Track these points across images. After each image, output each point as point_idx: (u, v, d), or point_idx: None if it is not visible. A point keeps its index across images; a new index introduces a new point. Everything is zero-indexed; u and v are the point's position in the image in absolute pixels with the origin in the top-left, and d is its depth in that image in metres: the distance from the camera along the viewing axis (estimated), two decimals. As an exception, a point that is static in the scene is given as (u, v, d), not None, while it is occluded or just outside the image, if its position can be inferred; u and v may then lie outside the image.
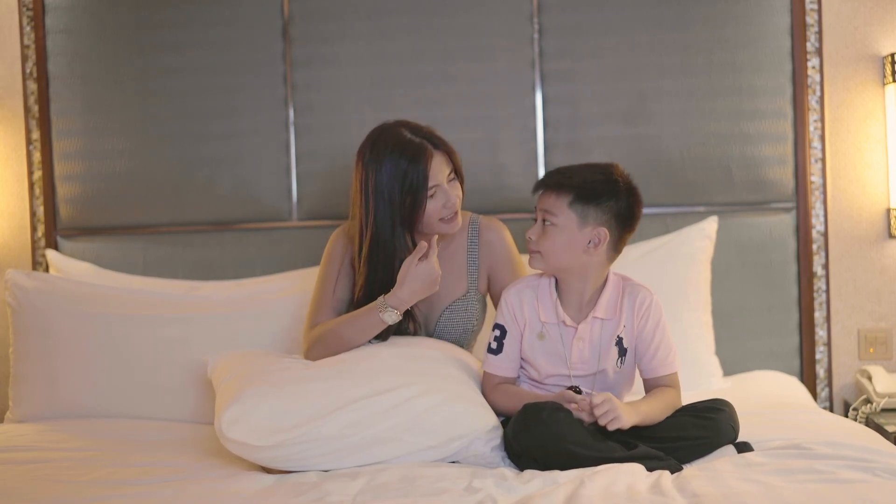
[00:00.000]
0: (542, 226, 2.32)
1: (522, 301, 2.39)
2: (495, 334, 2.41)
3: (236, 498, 2.03)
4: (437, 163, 2.45)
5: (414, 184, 2.41)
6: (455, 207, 2.48)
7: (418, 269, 2.39)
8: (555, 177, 2.34)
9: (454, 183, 2.50)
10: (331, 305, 2.53)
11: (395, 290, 2.40)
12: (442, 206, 2.46)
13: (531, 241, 2.34)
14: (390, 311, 2.40)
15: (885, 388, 2.94)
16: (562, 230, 2.30)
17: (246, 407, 2.21)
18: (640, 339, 2.37)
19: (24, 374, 2.85)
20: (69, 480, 2.19)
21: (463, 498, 1.97)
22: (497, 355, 2.40)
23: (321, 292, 2.56)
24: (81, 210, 3.24)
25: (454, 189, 2.49)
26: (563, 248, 2.31)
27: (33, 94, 3.23)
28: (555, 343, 2.36)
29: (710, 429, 2.23)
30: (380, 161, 2.43)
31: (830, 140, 3.15)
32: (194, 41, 3.20)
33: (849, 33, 3.13)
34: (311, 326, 2.52)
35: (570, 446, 2.15)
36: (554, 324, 2.36)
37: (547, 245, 2.31)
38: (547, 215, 2.31)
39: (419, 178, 2.42)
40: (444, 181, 2.46)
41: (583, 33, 3.14)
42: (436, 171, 2.44)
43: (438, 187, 2.45)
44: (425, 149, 2.43)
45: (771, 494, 1.88)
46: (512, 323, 2.39)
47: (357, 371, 2.32)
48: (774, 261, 3.13)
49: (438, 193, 2.45)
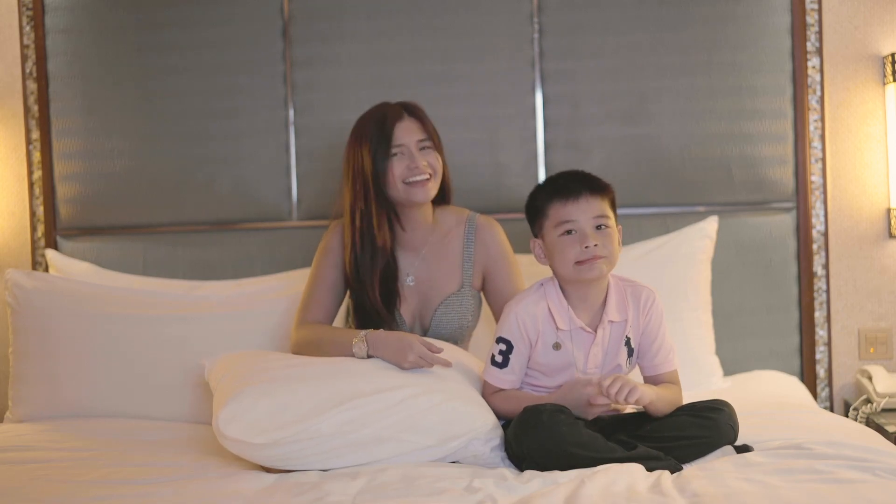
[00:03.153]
0: (597, 231, 2.31)
1: (536, 314, 2.36)
2: (500, 348, 2.38)
3: (236, 497, 2.03)
4: (406, 126, 2.53)
5: (377, 142, 2.50)
6: (422, 172, 2.51)
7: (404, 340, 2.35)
8: (592, 181, 2.35)
9: (427, 151, 2.54)
10: (321, 299, 2.58)
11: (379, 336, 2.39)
12: (406, 167, 2.51)
13: (596, 248, 2.29)
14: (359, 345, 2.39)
15: (885, 388, 2.94)
16: (613, 231, 2.34)
17: (243, 405, 2.21)
18: (643, 337, 2.38)
19: (24, 374, 2.85)
20: (69, 480, 2.18)
21: (463, 498, 1.97)
22: (502, 369, 2.39)
23: (313, 286, 2.60)
24: (81, 210, 3.24)
25: (425, 156, 2.53)
26: (617, 248, 2.35)
27: (33, 94, 3.23)
28: (569, 351, 2.36)
29: (709, 428, 2.23)
30: (357, 130, 2.55)
31: (830, 140, 3.15)
32: (194, 41, 3.20)
33: (849, 33, 3.13)
34: (302, 320, 2.56)
35: (571, 448, 2.15)
36: (570, 331, 2.36)
37: (610, 248, 2.32)
38: (602, 220, 2.32)
39: (382, 136, 2.50)
40: (412, 145, 2.52)
41: (583, 33, 3.14)
42: (402, 132, 2.52)
43: (404, 148, 2.51)
44: (395, 111, 2.54)
45: (771, 494, 1.88)
46: (520, 339, 2.37)
47: (355, 370, 2.32)
48: (774, 261, 3.13)
49: (403, 154, 2.51)
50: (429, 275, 2.60)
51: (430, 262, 2.61)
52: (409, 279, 2.60)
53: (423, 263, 2.61)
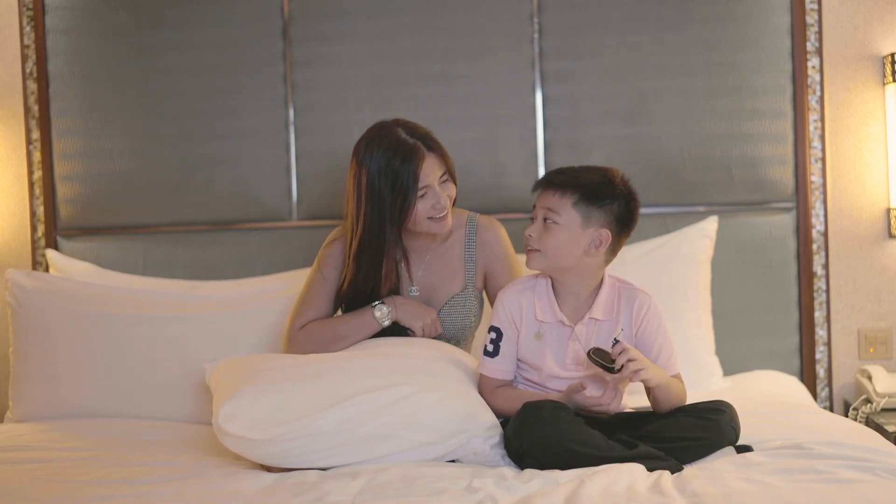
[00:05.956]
0: (542, 224, 2.31)
1: (521, 302, 2.38)
2: (491, 336, 2.40)
3: (237, 497, 2.03)
4: (429, 164, 2.46)
5: (404, 184, 2.43)
6: (445, 208, 2.49)
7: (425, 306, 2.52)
8: (560, 176, 2.33)
9: (446, 184, 2.51)
10: (315, 306, 2.56)
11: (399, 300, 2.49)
12: (431, 206, 2.48)
13: (531, 239, 2.32)
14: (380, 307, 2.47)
15: (885, 388, 2.94)
16: (564, 229, 2.30)
17: (243, 402, 2.21)
18: (641, 343, 2.36)
19: (24, 373, 2.85)
20: (69, 480, 2.18)
21: (463, 498, 1.97)
22: (493, 358, 2.39)
23: (307, 294, 2.58)
24: (81, 210, 3.24)
25: (445, 190, 2.50)
26: (565, 247, 2.30)
27: (33, 94, 3.23)
28: (552, 343, 2.36)
29: (710, 429, 2.23)
30: (373, 159, 2.46)
31: (830, 140, 3.15)
32: (194, 41, 3.20)
33: (849, 33, 3.13)
34: (297, 325, 2.55)
35: (572, 444, 2.14)
36: (551, 323, 2.36)
37: (548, 243, 2.30)
38: (549, 213, 2.30)
39: (410, 179, 2.43)
40: (436, 182, 2.47)
41: (583, 33, 3.14)
42: (427, 172, 2.45)
43: (429, 188, 2.46)
44: (418, 149, 2.45)
45: (771, 494, 1.88)
46: (508, 325, 2.39)
47: (355, 368, 2.32)
48: (774, 261, 3.13)
49: (429, 194, 2.47)
50: (432, 280, 2.60)
51: (434, 268, 2.61)
52: (413, 290, 2.59)
53: (427, 270, 2.60)
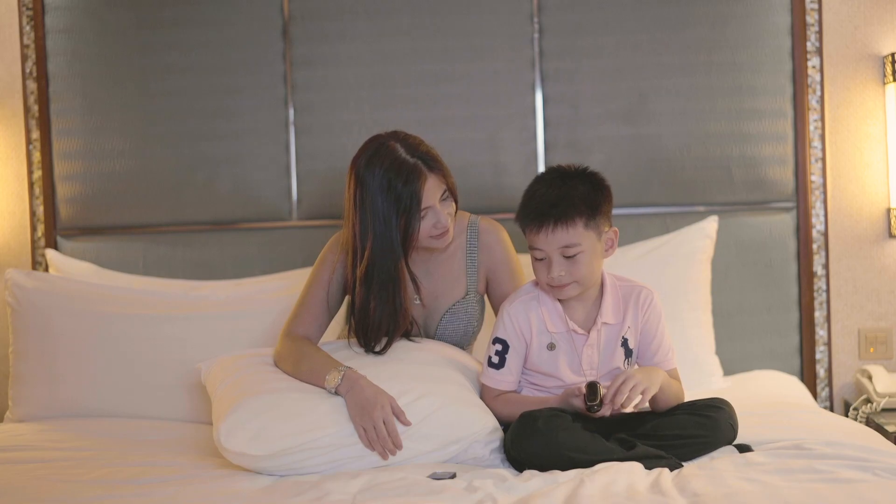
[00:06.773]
0: (563, 260, 2.26)
1: (529, 315, 2.36)
2: (497, 349, 2.37)
3: (236, 497, 2.03)
4: (431, 185, 2.41)
5: (407, 206, 2.38)
6: (446, 226, 2.45)
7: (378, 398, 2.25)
8: (552, 211, 2.25)
9: (447, 202, 2.46)
10: (314, 312, 2.50)
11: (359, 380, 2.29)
12: (432, 225, 2.43)
13: (561, 278, 2.27)
14: (335, 377, 2.30)
15: (885, 388, 2.94)
16: (588, 253, 2.27)
17: (243, 417, 2.21)
18: (642, 336, 2.38)
19: (24, 373, 2.85)
20: (69, 480, 2.18)
21: (463, 497, 1.97)
22: (499, 370, 2.37)
23: (306, 297, 2.52)
24: (81, 210, 3.24)
25: (446, 207, 2.46)
26: (593, 266, 2.29)
27: (33, 94, 3.23)
28: (566, 352, 2.36)
29: (709, 427, 2.23)
30: (374, 178, 2.39)
31: (830, 140, 3.15)
32: (194, 41, 3.20)
33: (849, 33, 3.13)
34: (290, 331, 2.48)
35: (569, 452, 2.14)
36: (563, 332, 2.35)
37: (580, 273, 2.27)
38: (568, 250, 2.25)
39: (412, 201, 2.38)
40: (437, 202, 2.43)
41: (583, 33, 3.14)
42: (429, 193, 2.41)
43: (430, 208, 2.43)
44: (419, 171, 2.39)
45: (771, 494, 1.88)
46: (516, 338, 2.37)
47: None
48: (774, 260, 3.13)
49: (430, 214, 2.43)
50: (434, 287, 2.56)
51: (436, 275, 2.57)
52: (416, 300, 2.55)
53: (429, 277, 2.56)
